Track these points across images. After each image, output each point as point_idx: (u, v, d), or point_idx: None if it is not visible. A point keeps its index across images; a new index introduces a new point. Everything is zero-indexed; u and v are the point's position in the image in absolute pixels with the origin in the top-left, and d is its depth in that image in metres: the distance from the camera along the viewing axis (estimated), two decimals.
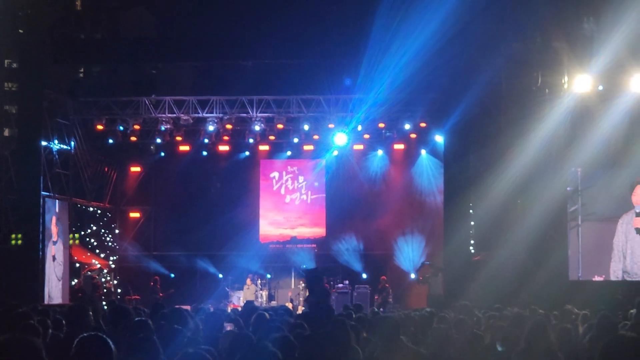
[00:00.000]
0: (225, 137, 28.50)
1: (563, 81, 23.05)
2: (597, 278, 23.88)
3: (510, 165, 23.40)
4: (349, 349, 9.13)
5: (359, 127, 27.59)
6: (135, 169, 30.88)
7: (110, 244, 30.26)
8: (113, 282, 29.76)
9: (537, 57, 23.14)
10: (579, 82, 22.46)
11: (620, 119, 22.96)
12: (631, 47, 21.38)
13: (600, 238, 23.98)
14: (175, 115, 27.31)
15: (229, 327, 10.43)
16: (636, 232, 23.42)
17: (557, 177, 23.94)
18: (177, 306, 10.70)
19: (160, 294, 26.88)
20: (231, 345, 7.63)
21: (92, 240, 29.30)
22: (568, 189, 24.24)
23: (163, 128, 27.69)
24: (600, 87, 22.88)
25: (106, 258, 29.76)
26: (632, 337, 5.00)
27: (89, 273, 27.91)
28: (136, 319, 8.16)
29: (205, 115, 27.41)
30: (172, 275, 29.64)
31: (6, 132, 26.96)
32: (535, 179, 23.57)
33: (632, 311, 12.80)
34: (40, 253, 23.90)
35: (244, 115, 27.57)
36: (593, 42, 21.96)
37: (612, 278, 23.61)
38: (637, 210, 23.35)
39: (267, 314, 10.12)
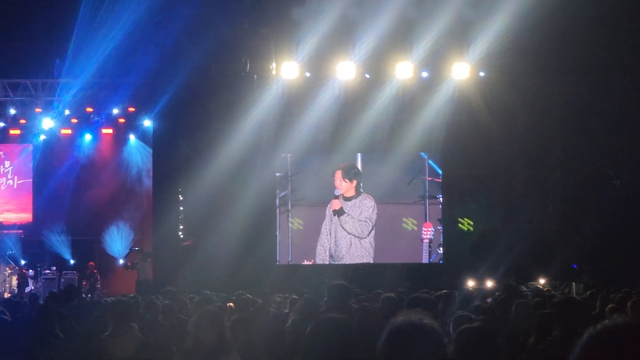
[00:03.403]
0: None
1: (271, 67, 23.24)
2: (306, 262, 24.48)
3: (220, 151, 23.41)
4: (52, 337, 8.90)
5: (67, 112, 26.71)
6: None
7: None
8: None
9: (245, 43, 23.15)
10: (286, 69, 22.76)
11: (330, 105, 23.63)
12: (334, 34, 21.90)
13: (310, 223, 24.65)
14: None
15: None
16: (333, 214, 24.23)
17: (267, 163, 24.32)
18: None
19: None
20: None
21: None
22: (277, 174, 24.69)
23: None
24: (308, 74, 23.39)
25: None
26: (335, 318, 4.96)
27: None
28: None
29: None
30: None
31: None
32: (246, 165, 23.75)
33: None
34: None
35: None
36: (300, 29, 22.22)
37: (319, 261, 24.33)
38: (336, 194, 24.14)
39: None
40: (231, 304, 12.98)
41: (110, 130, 28.02)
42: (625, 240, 22.66)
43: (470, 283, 21.63)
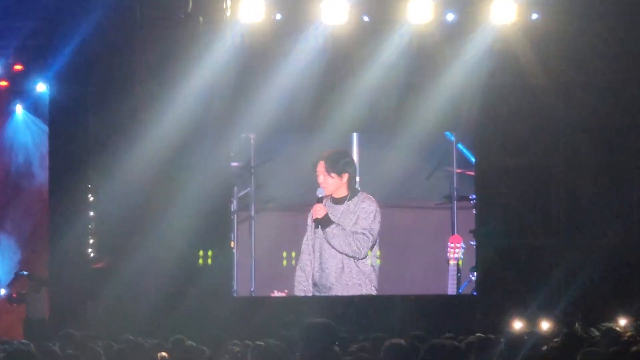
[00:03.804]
0: None
1: (224, 6, 23.07)
2: (277, 293, 24.41)
3: (150, 130, 23.33)
4: None
5: None
6: None
7: None
8: None
9: None
10: (247, 9, 22.67)
11: (311, 62, 23.73)
12: None
13: (284, 235, 24.67)
14: None
15: None
16: (315, 226, 23.79)
17: (220, 147, 24.17)
18: None
19: None
20: None
21: None
22: (234, 164, 24.60)
23: None
24: (278, 16, 23.30)
25: None
26: None
27: None
28: None
29: None
30: None
31: None
32: (188, 151, 23.75)
33: None
34: None
35: None
36: None
37: (298, 292, 24.08)
38: (319, 195, 23.67)
39: None
40: (164, 353, 13.24)
41: None
42: None
43: (517, 324, 21.88)
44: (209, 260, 24.05)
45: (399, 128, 24.23)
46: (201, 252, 23.94)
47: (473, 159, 24.89)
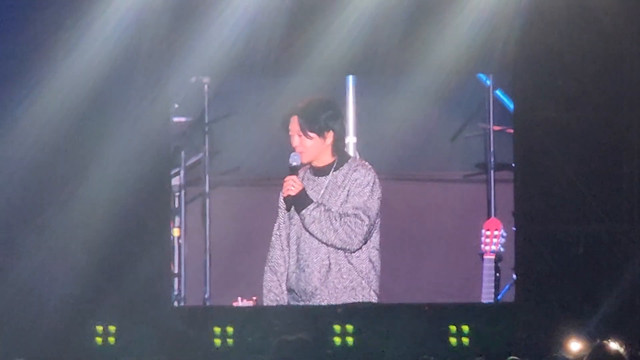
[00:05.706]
0: None
1: None
2: (242, 302, 20.85)
3: (54, 73, 19.00)
4: None
5: None
6: None
7: None
8: None
9: None
10: None
11: None
12: None
13: (252, 220, 21.69)
14: None
15: None
16: (287, 207, 18.10)
17: (156, 95, 19.52)
18: None
19: None
20: None
21: None
22: (178, 119, 21.48)
23: None
24: None
25: None
26: None
27: None
28: None
29: None
30: None
31: None
32: (109, 102, 19.23)
33: None
34: None
35: None
36: None
37: (268, 301, 18.64)
38: (292, 163, 17.92)
39: None
40: None
41: None
42: None
43: (575, 345, 17.42)
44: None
45: (411, 68, 19.95)
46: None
47: None
